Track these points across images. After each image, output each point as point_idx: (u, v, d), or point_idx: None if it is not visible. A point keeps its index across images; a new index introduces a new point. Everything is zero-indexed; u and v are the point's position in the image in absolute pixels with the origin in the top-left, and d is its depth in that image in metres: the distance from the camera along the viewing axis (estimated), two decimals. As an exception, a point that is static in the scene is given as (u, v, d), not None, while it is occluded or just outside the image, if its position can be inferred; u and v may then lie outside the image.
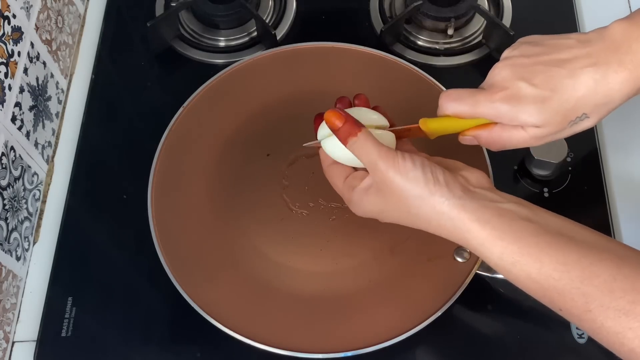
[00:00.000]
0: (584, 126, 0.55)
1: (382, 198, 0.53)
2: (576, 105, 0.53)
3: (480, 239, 0.49)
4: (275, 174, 0.71)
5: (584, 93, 0.52)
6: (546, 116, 0.53)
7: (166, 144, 0.72)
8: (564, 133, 0.55)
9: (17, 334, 0.67)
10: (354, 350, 0.60)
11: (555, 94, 0.52)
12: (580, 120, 0.54)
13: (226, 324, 0.62)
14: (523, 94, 0.53)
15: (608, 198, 0.70)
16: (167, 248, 0.66)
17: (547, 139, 0.55)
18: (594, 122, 0.55)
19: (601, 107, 0.54)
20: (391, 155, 0.52)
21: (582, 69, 0.52)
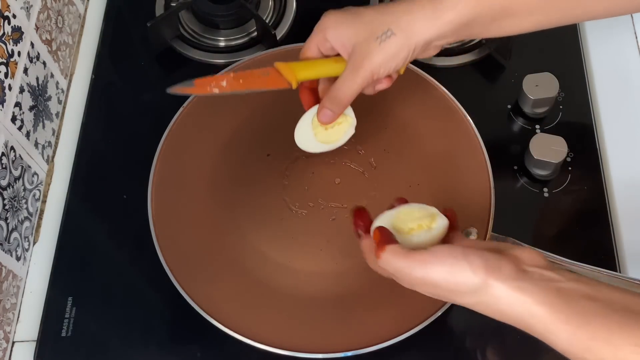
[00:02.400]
0: (393, 46, 0.57)
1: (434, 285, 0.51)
2: (383, 19, 0.57)
3: (545, 324, 0.46)
4: (275, 174, 0.71)
5: (391, 9, 0.58)
6: (358, 27, 0.58)
7: (166, 144, 0.72)
8: (376, 55, 0.58)
9: (17, 334, 0.67)
10: (354, 350, 0.61)
11: (368, 9, 0.59)
12: (386, 37, 0.57)
13: (226, 324, 0.62)
14: (346, 9, 0.60)
15: (608, 198, 0.70)
16: (167, 248, 0.66)
17: (364, 66, 0.58)
18: (402, 42, 0.57)
19: (406, 27, 0.57)
20: (421, 259, 0.50)
21: (399, 1, 0.59)
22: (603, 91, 0.78)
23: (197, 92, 0.62)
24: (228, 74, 0.63)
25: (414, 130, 0.72)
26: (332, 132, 0.67)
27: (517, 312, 0.47)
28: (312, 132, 0.67)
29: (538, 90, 0.72)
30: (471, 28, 0.57)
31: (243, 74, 0.63)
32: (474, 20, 0.57)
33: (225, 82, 0.62)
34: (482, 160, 0.69)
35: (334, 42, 0.60)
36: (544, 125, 0.75)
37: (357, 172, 0.70)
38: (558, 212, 0.70)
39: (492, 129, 0.73)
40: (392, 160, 0.71)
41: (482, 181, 0.68)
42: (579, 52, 0.80)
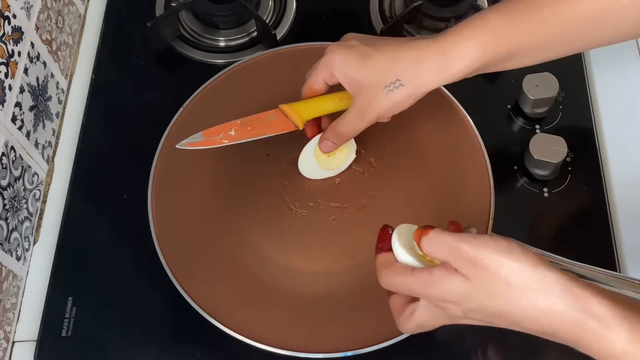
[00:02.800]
0: (400, 96, 0.58)
1: (469, 283, 0.46)
2: (392, 68, 0.58)
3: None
4: (275, 174, 0.71)
5: (400, 56, 0.58)
6: (366, 72, 0.59)
7: (166, 144, 0.72)
8: (383, 103, 0.59)
9: (17, 334, 0.67)
10: (354, 350, 0.61)
11: (376, 52, 0.59)
12: (395, 87, 0.58)
13: (226, 324, 0.62)
14: (352, 45, 0.60)
15: (608, 198, 0.70)
16: (167, 248, 0.66)
17: (370, 111, 0.60)
18: (409, 92, 0.58)
19: (414, 78, 0.58)
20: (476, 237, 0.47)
21: (407, 44, 0.59)
22: (603, 91, 0.78)
23: (207, 145, 0.64)
24: (235, 122, 0.64)
25: (414, 130, 0.72)
26: (334, 158, 0.69)
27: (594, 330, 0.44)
28: (315, 160, 0.68)
29: (538, 90, 0.72)
30: (476, 72, 0.59)
31: (250, 120, 0.65)
32: (480, 68, 0.58)
33: (233, 131, 0.64)
34: (482, 160, 0.69)
35: (341, 80, 0.61)
36: (544, 125, 0.75)
37: (357, 172, 0.70)
38: (558, 212, 0.70)
39: (492, 129, 0.73)
40: (392, 160, 0.71)
41: (482, 181, 0.68)
42: (579, 53, 0.80)
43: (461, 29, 0.57)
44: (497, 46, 0.57)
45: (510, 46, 0.57)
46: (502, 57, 0.57)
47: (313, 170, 0.69)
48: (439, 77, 0.58)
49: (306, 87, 0.64)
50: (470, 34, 0.57)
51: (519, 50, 0.57)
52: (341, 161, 0.69)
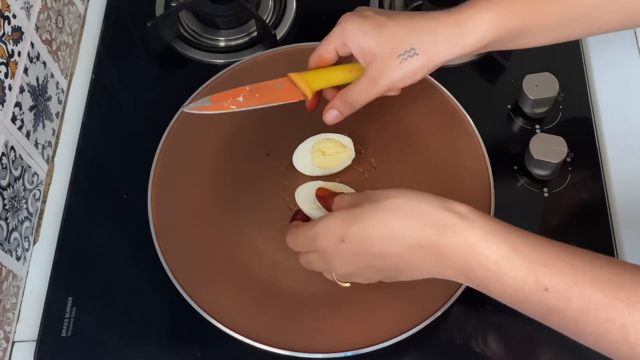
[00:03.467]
0: (414, 65, 0.58)
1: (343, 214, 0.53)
2: (407, 38, 0.58)
3: (496, 257, 0.47)
4: (275, 174, 0.71)
5: (415, 27, 0.58)
6: (380, 40, 0.58)
7: (166, 144, 0.72)
8: (396, 72, 0.59)
9: (17, 334, 0.67)
10: (354, 350, 0.61)
11: (391, 21, 0.59)
12: (409, 55, 0.58)
13: (226, 324, 0.62)
14: (366, 15, 0.60)
15: (608, 198, 0.70)
16: (167, 248, 0.66)
17: (382, 80, 0.59)
18: (423, 62, 0.58)
19: (428, 48, 0.58)
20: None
21: (421, 15, 0.59)
22: (603, 91, 0.78)
23: (214, 109, 0.62)
24: (243, 88, 0.63)
25: (414, 130, 0.72)
26: (330, 159, 0.69)
27: (460, 246, 0.48)
28: (310, 157, 0.69)
29: (538, 90, 0.72)
30: (488, 47, 0.59)
31: (258, 87, 0.64)
32: (492, 42, 0.58)
33: (241, 97, 0.63)
34: (482, 160, 0.69)
35: (354, 50, 0.61)
36: (544, 125, 0.75)
37: (357, 172, 0.70)
38: (558, 212, 0.70)
39: (492, 129, 0.73)
40: (392, 160, 0.71)
41: (482, 181, 0.68)
42: (579, 52, 0.80)
43: (477, 1, 0.58)
44: (511, 21, 0.57)
45: (524, 22, 0.57)
46: (515, 32, 0.58)
47: (307, 167, 0.69)
48: (453, 48, 0.58)
49: (316, 55, 0.63)
50: (485, 7, 0.57)
51: (532, 27, 0.58)
52: (336, 163, 0.70)
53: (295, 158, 0.70)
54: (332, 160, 0.69)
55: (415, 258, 0.50)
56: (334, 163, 0.69)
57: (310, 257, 0.56)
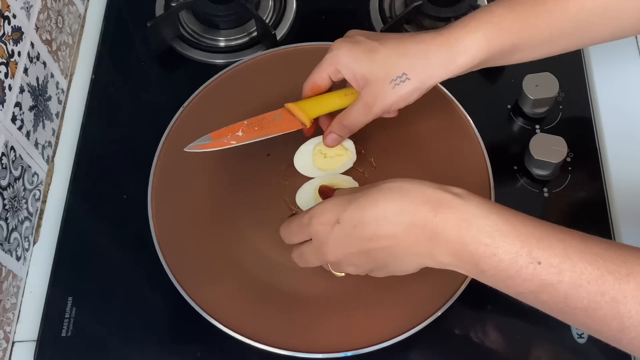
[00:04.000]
0: (407, 89, 0.59)
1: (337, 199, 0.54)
2: (398, 63, 0.58)
3: (491, 230, 0.47)
4: (275, 174, 0.71)
5: (406, 51, 0.59)
6: (372, 67, 0.59)
7: (166, 144, 0.72)
8: (389, 97, 0.59)
9: (17, 334, 0.67)
10: (354, 350, 0.61)
11: (382, 47, 0.59)
12: (401, 81, 0.58)
13: (226, 324, 0.62)
14: (358, 40, 0.61)
15: (608, 198, 0.70)
16: (167, 248, 0.66)
17: (376, 105, 0.60)
18: (416, 85, 0.59)
19: (421, 72, 0.58)
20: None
21: (412, 38, 0.60)
22: (603, 91, 0.78)
23: (215, 147, 0.63)
24: (242, 123, 0.64)
25: (414, 130, 0.72)
26: (331, 161, 0.69)
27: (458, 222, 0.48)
28: (311, 158, 0.69)
29: (538, 90, 0.72)
30: (481, 65, 0.60)
31: (256, 121, 0.65)
32: (485, 60, 0.59)
33: (240, 132, 0.64)
34: (482, 160, 0.69)
35: (347, 76, 0.62)
36: (544, 125, 0.75)
37: (357, 172, 0.70)
38: (558, 212, 0.70)
39: (492, 129, 0.73)
40: (392, 160, 0.71)
41: (482, 181, 0.68)
42: (579, 52, 0.80)
43: (466, 22, 0.58)
44: (502, 39, 0.57)
45: (515, 39, 0.57)
46: (507, 50, 0.58)
47: (308, 168, 0.70)
48: (445, 70, 0.59)
49: (310, 83, 0.64)
50: (475, 27, 0.57)
51: (523, 44, 0.58)
52: (337, 165, 0.70)
53: (296, 159, 0.70)
54: (333, 163, 0.69)
55: (408, 238, 0.50)
56: (335, 165, 0.69)
57: (303, 248, 0.57)
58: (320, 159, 0.69)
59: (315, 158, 0.69)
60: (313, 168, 0.69)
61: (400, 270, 0.54)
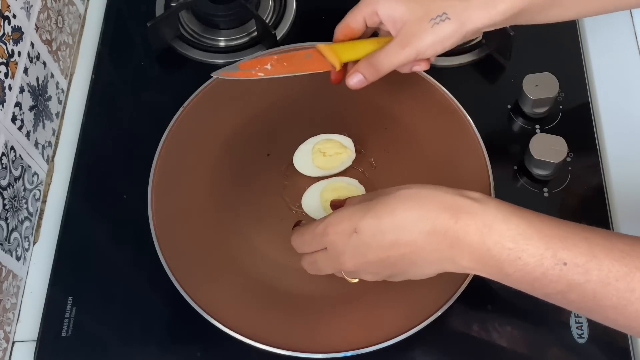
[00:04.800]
0: (446, 30, 0.57)
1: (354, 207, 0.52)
2: (439, 3, 0.57)
3: (513, 234, 0.47)
4: (275, 174, 0.71)
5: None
6: (411, 6, 0.58)
7: (166, 144, 0.72)
8: (427, 36, 0.58)
9: (17, 334, 0.67)
10: (354, 350, 0.61)
11: None
12: (441, 20, 0.57)
13: (226, 324, 0.62)
14: None
15: (608, 198, 0.70)
16: (167, 248, 0.66)
17: (412, 43, 0.58)
18: (455, 27, 0.57)
19: (461, 13, 0.57)
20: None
21: None
22: (603, 91, 0.78)
23: (243, 76, 0.62)
24: (271, 57, 0.63)
25: (414, 130, 0.72)
26: (330, 159, 0.69)
27: (476, 227, 0.48)
28: (311, 157, 0.69)
29: (538, 90, 0.72)
30: (520, 17, 0.58)
31: (286, 57, 0.63)
32: (524, 10, 0.57)
33: (269, 65, 0.62)
34: (482, 160, 0.69)
35: (384, 17, 0.60)
36: (544, 125, 0.75)
37: (357, 172, 0.70)
38: (558, 212, 0.70)
39: (492, 129, 0.73)
40: (392, 160, 0.71)
41: (482, 181, 0.68)
42: (579, 52, 0.80)
43: None
44: None
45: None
46: (547, 1, 0.57)
47: (307, 167, 0.70)
48: (485, 14, 0.57)
49: (343, 25, 0.62)
50: None
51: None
52: (336, 164, 0.70)
53: (295, 159, 0.70)
54: (333, 161, 0.69)
55: (429, 245, 0.49)
56: (335, 163, 0.69)
57: (317, 256, 0.55)
58: (320, 157, 0.69)
59: (314, 157, 0.69)
60: (312, 167, 0.69)
61: (418, 275, 0.53)
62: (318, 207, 0.67)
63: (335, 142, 0.70)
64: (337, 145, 0.69)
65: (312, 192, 0.68)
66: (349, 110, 0.74)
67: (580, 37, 0.81)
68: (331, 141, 0.70)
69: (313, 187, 0.68)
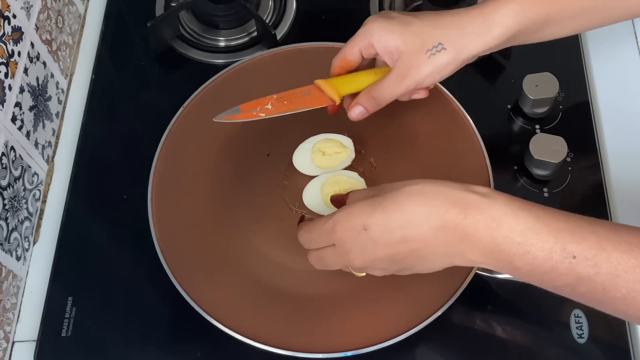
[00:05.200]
0: (443, 60, 0.58)
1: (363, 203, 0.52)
2: (434, 34, 0.58)
3: (523, 229, 0.47)
4: (275, 174, 0.71)
5: (442, 23, 0.59)
6: (407, 38, 0.59)
7: (166, 144, 0.72)
8: (424, 67, 0.59)
9: (17, 334, 0.67)
10: (354, 350, 0.60)
11: (417, 19, 0.59)
12: (437, 50, 0.58)
13: (226, 324, 0.62)
14: (392, 15, 0.60)
15: (608, 198, 0.70)
16: (167, 248, 0.66)
17: (410, 75, 0.59)
18: (451, 56, 0.58)
19: (456, 42, 0.58)
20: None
21: (447, 12, 0.60)
22: (603, 91, 0.78)
23: (244, 118, 0.63)
24: (271, 97, 0.64)
25: (414, 130, 0.72)
26: (330, 159, 0.69)
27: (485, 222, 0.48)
28: (310, 156, 0.69)
29: (538, 90, 0.72)
30: (515, 39, 0.59)
31: (286, 95, 0.64)
32: (519, 33, 0.58)
33: (270, 105, 0.64)
34: (482, 160, 0.69)
35: (380, 50, 0.61)
36: (544, 125, 0.75)
37: (357, 172, 0.70)
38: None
39: (492, 129, 0.73)
40: (391, 160, 0.71)
41: (482, 181, 0.68)
42: (579, 52, 0.80)
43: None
44: (536, 11, 0.57)
45: (549, 10, 0.58)
46: (541, 22, 0.58)
47: (307, 166, 0.70)
48: (481, 41, 0.58)
49: (340, 58, 0.63)
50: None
51: (557, 16, 0.58)
52: (335, 163, 0.70)
53: (295, 158, 0.70)
54: (332, 160, 0.69)
55: (438, 240, 0.49)
56: (334, 163, 0.69)
57: (324, 253, 0.56)
58: (319, 156, 0.69)
59: (314, 156, 0.69)
60: (312, 166, 0.69)
61: (427, 270, 0.54)
62: (319, 201, 0.67)
63: (335, 142, 0.70)
64: (336, 144, 0.69)
65: (312, 187, 0.68)
66: (349, 110, 0.74)
67: (580, 37, 0.81)
68: (331, 141, 0.70)
69: (314, 182, 0.68)
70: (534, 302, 0.64)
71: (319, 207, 0.67)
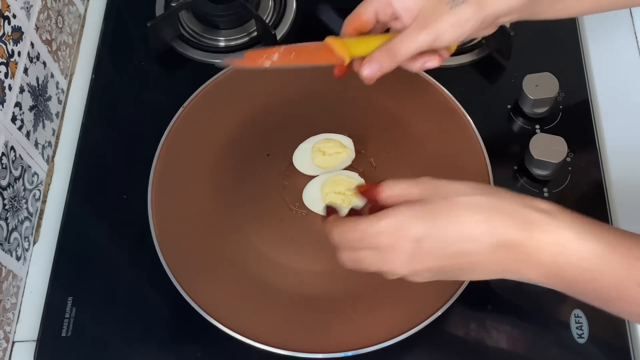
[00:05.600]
0: (464, 13, 0.55)
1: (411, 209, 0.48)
2: None
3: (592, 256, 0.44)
4: (275, 174, 0.71)
5: None
6: None
7: (166, 144, 0.72)
8: (446, 19, 0.55)
9: (17, 334, 0.67)
10: (354, 350, 0.61)
11: None
12: (458, 3, 0.54)
13: (226, 324, 0.62)
14: None
15: (608, 198, 0.70)
16: (167, 248, 0.66)
17: (430, 26, 0.56)
18: (473, 10, 0.55)
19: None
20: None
21: None
22: (603, 91, 0.78)
23: (248, 64, 0.60)
24: (279, 47, 0.61)
25: (414, 130, 0.72)
26: (330, 159, 0.69)
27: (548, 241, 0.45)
28: (310, 156, 0.69)
29: (538, 90, 0.72)
30: (538, 6, 0.57)
31: (295, 48, 0.61)
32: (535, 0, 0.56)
33: (276, 55, 0.60)
34: (482, 160, 0.69)
35: (399, 6, 0.57)
36: (544, 125, 0.75)
37: (357, 172, 0.70)
38: (558, 212, 0.70)
39: (492, 129, 0.73)
40: (392, 160, 0.71)
41: (482, 181, 0.68)
42: (579, 52, 0.80)
43: None
44: None
45: None
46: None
47: (307, 166, 0.70)
48: (504, 9, 0.55)
49: (354, 15, 0.60)
50: None
51: None
52: (335, 163, 0.70)
53: (295, 158, 0.70)
54: (332, 160, 0.69)
55: (493, 258, 0.47)
56: (334, 163, 0.69)
57: (362, 255, 0.51)
58: (319, 156, 0.69)
59: (314, 156, 0.69)
60: (312, 166, 0.69)
61: (471, 279, 0.52)
62: (319, 201, 0.67)
63: (335, 142, 0.70)
64: (336, 144, 0.69)
65: (312, 187, 0.68)
66: (349, 110, 0.74)
67: (580, 37, 0.81)
68: (331, 141, 0.70)
69: (314, 182, 0.68)
70: (533, 302, 0.64)
71: (319, 207, 0.67)
